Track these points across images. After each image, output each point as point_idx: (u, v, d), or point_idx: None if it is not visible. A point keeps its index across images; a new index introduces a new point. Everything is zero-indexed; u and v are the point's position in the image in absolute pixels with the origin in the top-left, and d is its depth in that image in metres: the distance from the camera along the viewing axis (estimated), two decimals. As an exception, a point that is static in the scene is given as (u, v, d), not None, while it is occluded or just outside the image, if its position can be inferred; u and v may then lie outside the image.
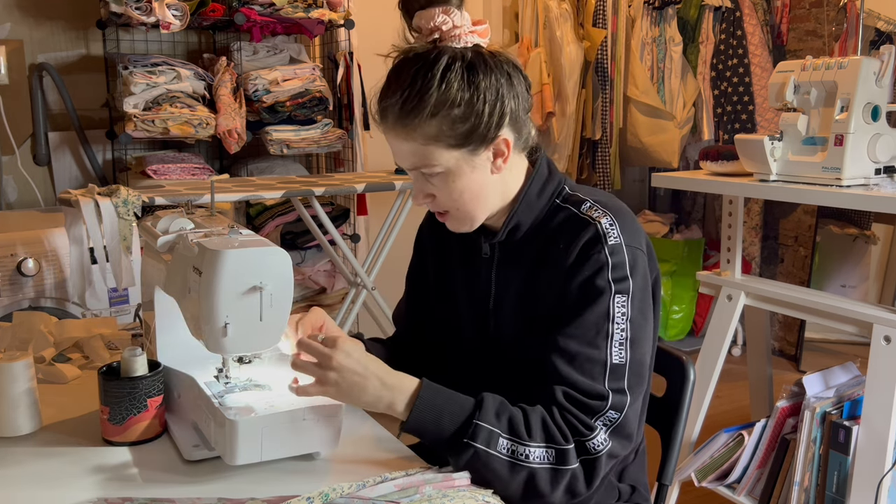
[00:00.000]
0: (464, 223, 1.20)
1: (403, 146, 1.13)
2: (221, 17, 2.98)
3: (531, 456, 1.06)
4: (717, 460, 2.07)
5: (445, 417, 1.07)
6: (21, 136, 3.08)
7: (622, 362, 1.11)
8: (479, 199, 1.17)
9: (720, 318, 2.24)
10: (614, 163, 3.80)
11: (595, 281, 1.11)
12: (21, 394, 1.19)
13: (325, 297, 3.40)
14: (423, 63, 1.09)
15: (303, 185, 2.75)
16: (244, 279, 1.07)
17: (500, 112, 1.12)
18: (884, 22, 3.30)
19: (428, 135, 1.10)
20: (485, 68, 1.11)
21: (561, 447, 1.07)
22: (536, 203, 1.20)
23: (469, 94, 1.09)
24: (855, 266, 3.63)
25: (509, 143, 1.15)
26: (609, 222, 1.14)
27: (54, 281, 2.46)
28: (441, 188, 1.15)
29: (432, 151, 1.12)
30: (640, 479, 1.34)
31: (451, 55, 1.10)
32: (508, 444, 1.06)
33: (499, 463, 1.05)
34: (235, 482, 1.06)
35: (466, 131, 1.11)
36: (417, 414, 1.07)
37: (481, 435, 1.05)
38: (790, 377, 3.49)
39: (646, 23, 3.72)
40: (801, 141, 1.99)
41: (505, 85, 1.12)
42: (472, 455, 1.05)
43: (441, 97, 1.08)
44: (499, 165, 1.16)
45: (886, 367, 1.78)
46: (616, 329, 1.11)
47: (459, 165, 1.13)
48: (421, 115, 1.09)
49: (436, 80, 1.08)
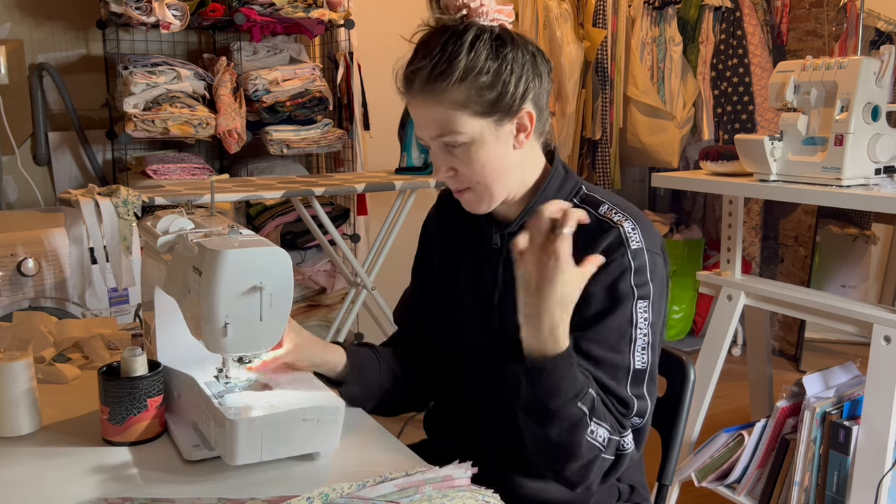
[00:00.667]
0: (482, 200, 1.20)
1: (430, 112, 1.14)
2: (221, 17, 2.98)
3: (598, 437, 1.07)
4: (717, 460, 2.07)
5: (566, 381, 1.05)
6: (21, 136, 3.08)
7: (644, 367, 1.13)
8: (499, 174, 1.17)
9: (720, 318, 2.24)
10: (614, 163, 3.80)
11: (618, 285, 1.12)
12: (21, 394, 1.19)
13: (325, 297, 3.40)
14: (452, 32, 1.12)
15: (303, 185, 2.75)
16: (244, 279, 1.07)
17: (525, 86, 1.14)
18: (884, 22, 3.30)
19: (455, 100, 1.12)
20: (512, 42, 1.14)
21: (613, 437, 1.09)
22: (555, 198, 1.20)
23: (497, 64, 1.12)
24: (855, 266, 3.63)
25: (532, 118, 1.17)
26: (631, 226, 1.15)
27: (54, 281, 2.45)
28: (464, 160, 1.16)
29: (459, 117, 1.13)
30: (639, 479, 1.34)
31: (479, 28, 1.12)
32: (585, 409, 1.06)
33: (572, 409, 1.05)
34: (235, 482, 1.06)
35: (493, 99, 1.13)
36: (558, 361, 1.05)
37: (587, 400, 1.06)
38: (790, 377, 3.49)
39: (646, 23, 3.72)
40: (801, 141, 1.99)
41: (530, 62, 1.15)
42: (578, 420, 1.05)
43: (470, 63, 1.10)
44: (521, 140, 1.17)
45: (886, 367, 1.78)
46: (639, 334, 1.13)
47: (484, 135, 1.14)
48: (450, 79, 1.10)
49: (465, 47, 1.10)
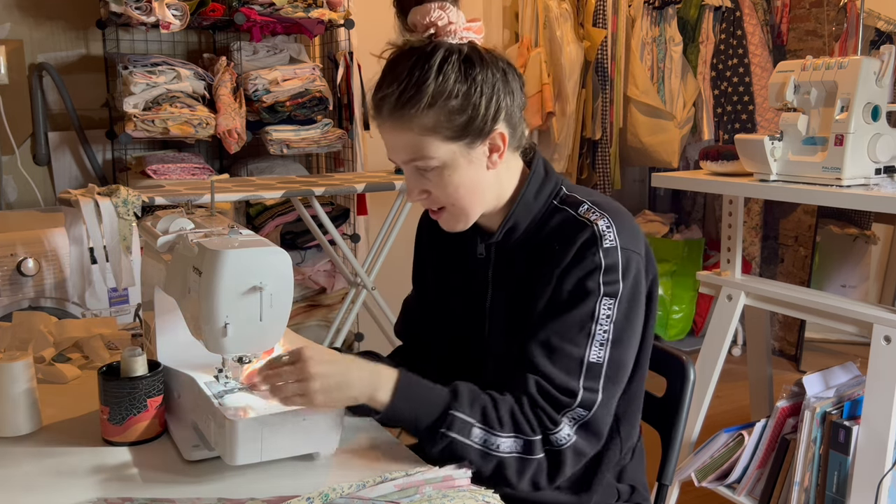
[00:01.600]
0: (458, 220, 1.19)
1: (399, 138, 1.13)
2: (221, 17, 2.98)
3: (501, 446, 1.09)
4: (717, 460, 2.07)
5: (423, 408, 1.09)
6: (21, 136, 3.08)
7: (599, 362, 1.13)
8: (474, 194, 1.16)
9: (720, 318, 2.24)
10: (614, 163, 3.80)
11: (586, 282, 1.12)
12: (21, 394, 1.19)
13: (325, 297, 3.40)
14: (419, 55, 1.10)
15: (303, 185, 2.74)
16: (244, 279, 1.07)
17: (497, 106, 1.12)
18: (884, 22, 3.30)
19: (425, 126, 1.10)
20: (481, 62, 1.11)
21: (528, 438, 1.10)
22: (534, 204, 1.20)
23: (466, 87, 1.10)
24: (855, 266, 3.63)
25: (505, 138, 1.15)
26: (606, 224, 1.14)
27: (54, 281, 2.45)
28: (437, 183, 1.15)
29: (429, 143, 1.11)
30: (640, 479, 1.34)
31: (447, 48, 1.10)
32: (481, 433, 1.09)
33: (472, 452, 1.08)
34: (235, 482, 1.06)
35: (463, 123, 1.11)
36: (395, 405, 1.08)
37: (456, 425, 1.08)
38: (790, 377, 3.49)
39: (646, 23, 3.72)
40: (802, 141, 1.99)
41: (500, 80, 1.13)
42: (448, 444, 1.08)
43: (438, 88, 1.08)
44: (494, 160, 1.16)
45: (886, 367, 1.78)
46: (599, 329, 1.13)
47: (455, 158, 1.13)
48: (418, 105, 1.09)
49: (433, 71, 1.08)
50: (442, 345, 1.36)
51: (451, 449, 1.08)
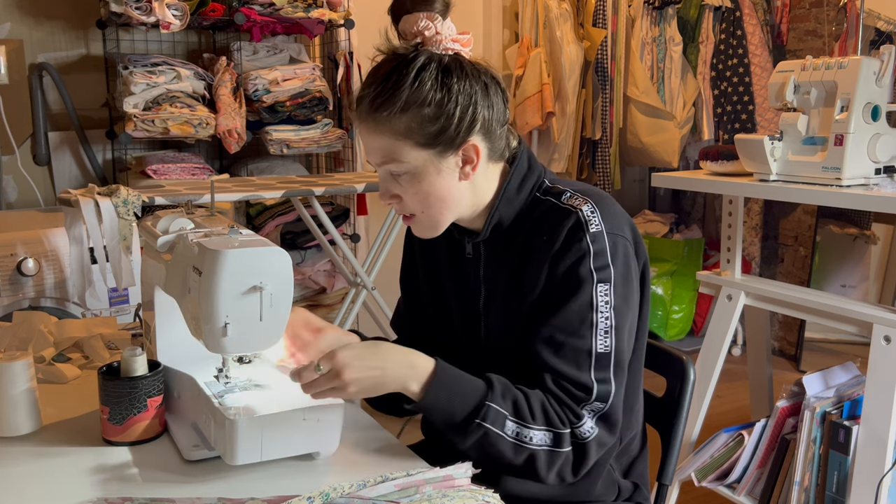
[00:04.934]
0: (427, 228, 1.20)
1: (373, 140, 1.14)
2: (221, 17, 2.98)
3: (534, 439, 1.10)
4: (717, 460, 2.07)
5: (458, 398, 1.10)
6: (21, 136, 3.08)
7: (607, 351, 1.14)
8: (444, 203, 1.17)
9: (720, 318, 2.24)
10: (614, 163, 3.80)
11: (578, 269, 1.13)
12: (21, 394, 1.19)
13: (325, 297, 3.40)
14: (400, 61, 1.12)
15: (303, 184, 2.74)
16: (244, 279, 1.07)
17: (472, 118, 1.13)
18: (884, 22, 3.30)
19: (397, 130, 1.12)
20: (460, 73, 1.12)
21: (558, 430, 1.12)
22: (517, 198, 1.21)
23: (441, 96, 1.11)
24: (855, 266, 3.63)
25: (479, 151, 1.15)
26: (590, 209, 1.15)
27: (54, 281, 2.45)
28: (407, 189, 1.16)
29: (400, 147, 1.13)
30: (644, 475, 1.34)
31: (428, 57, 1.12)
32: (514, 426, 1.10)
33: (505, 444, 1.10)
34: (235, 482, 1.06)
35: (435, 132, 1.12)
36: (432, 395, 1.09)
37: (491, 416, 1.09)
38: (790, 377, 3.49)
39: (646, 22, 3.72)
40: (801, 141, 1.99)
41: (479, 93, 1.13)
42: (482, 435, 1.09)
43: (413, 94, 1.10)
44: (467, 172, 1.16)
45: (886, 367, 1.78)
46: (600, 318, 1.13)
47: (426, 166, 1.14)
48: (392, 109, 1.10)
49: (409, 77, 1.10)
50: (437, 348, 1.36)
51: (484, 440, 1.09)
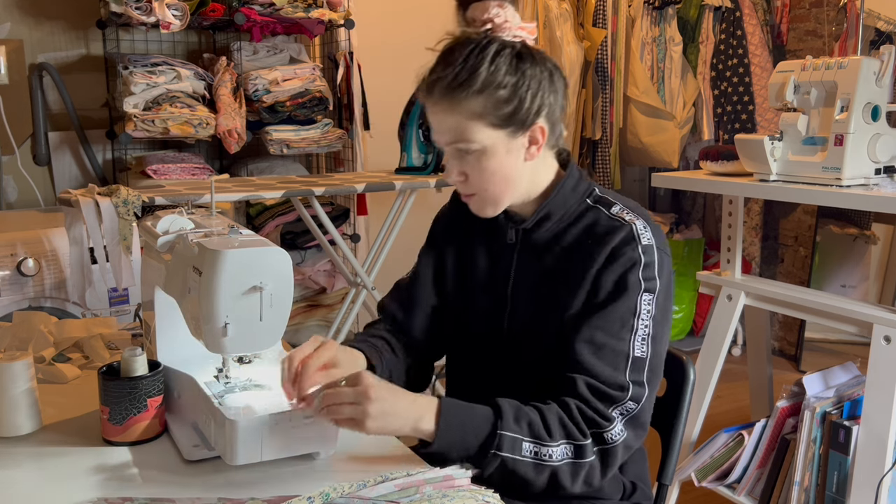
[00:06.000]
0: (488, 205, 1.24)
1: (446, 120, 1.18)
2: (221, 17, 2.98)
3: (554, 455, 1.11)
4: (717, 460, 2.07)
5: (470, 433, 1.11)
6: (21, 136, 3.08)
7: (643, 356, 1.16)
8: (508, 182, 1.21)
9: (720, 318, 2.24)
10: (614, 163, 3.80)
11: (627, 277, 1.17)
12: (21, 394, 1.19)
13: (325, 297, 3.40)
14: (475, 45, 1.17)
15: (303, 184, 2.74)
16: (244, 279, 1.07)
17: (541, 101, 1.19)
18: (884, 22, 3.30)
19: (472, 111, 1.16)
20: (531, 60, 1.18)
21: (579, 443, 1.12)
22: (570, 197, 1.26)
23: (515, 79, 1.16)
24: (855, 266, 3.63)
25: (545, 132, 1.21)
26: (643, 225, 1.20)
27: (54, 281, 2.45)
28: (474, 167, 1.20)
29: (473, 127, 1.17)
30: (643, 475, 1.35)
31: (501, 42, 1.17)
32: (532, 447, 1.11)
33: (525, 467, 1.11)
34: (235, 482, 1.06)
35: (508, 113, 1.17)
36: (443, 434, 1.10)
37: (506, 443, 1.10)
38: (790, 377, 3.49)
39: (646, 22, 3.72)
40: (801, 141, 1.99)
41: (546, 79, 1.19)
42: (500, 464, 1.10)
43: (489, 77, 1.15)
44: (532, 153, 1.21)
45: (886, 367, 1.78)
46: (640, 325, 1.17)
47: (496, 146, 1.18)
48: (469, 90, 1.15)
49: (486, 60, 1.15)
50: (457, 340, 1.36)
51: (503, 469, 1.10)
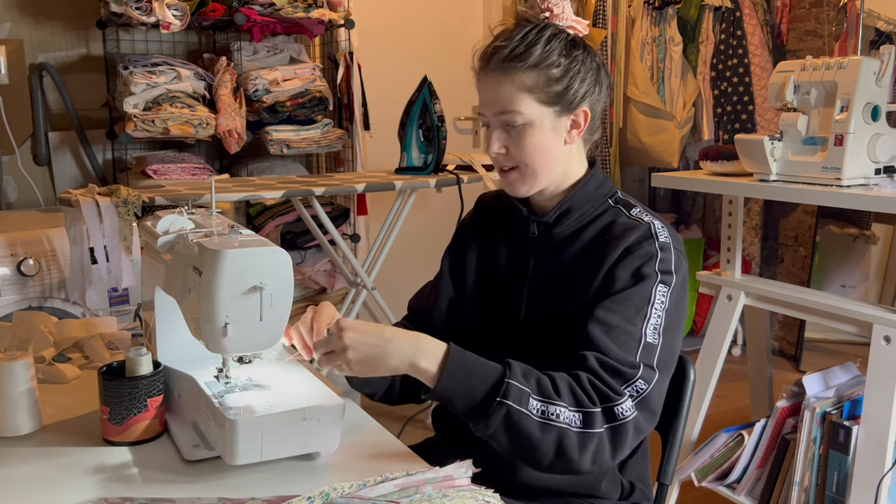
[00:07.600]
0: (525, 181, 1.27)
1: (499, 89, 1.23)
2: (221, 17, 2.98)
3: (561, 416, 1.08)
4: (717, 460, 2.07)
5: (476, 378, 1.09)
6: (21, 136, 3.08)
7: (655, 343, 1.16)
8: (546, 161, 1.25)
9: (720, 318, 2.24)
10: (614, 163, 3.80)
11: (643, 268, 1.19)
12: (21, 394, 1.19)
13: (325, 297, 3.40)
14: (534, 26, 1.24)
15: (303, 185, 2.74)
16: (244, 279, 1.07)
17: (588, 88, 1.25)
18: (884, 22, 3.30)
19: (524, 83, 1.22)
20: (584, 49, 1.26)
21: (588, 409, 1.09)
22: (593, 195, 1.29)
23: (567, 62, 1.23)
24: (855, 266, 3.63)
25: (588, 116, 1.26)
26: (660, 225, 1.24)
27: (54, 281, 2.45)
28: (517, 140, 1.24)
29: (523, 99, 1.22)
30: (644, 475, 1.34)
31: (556, 28, 1.24)
32: (539, 403, 1.08)
33: (530, 422, 1.07)
34: (235, 482, 1.06)
35: (558, 92, 1.22)
36: (448, 376, 1.09)
37: (513, 393, 1.07)
38: (790, 377, 3.49)
39: (646, 23, 3.72)
40: (801, 141, 1.99)
41: (594, 71, 1.26)
42: (505, 414, 1.06)
43: (544, 54, 1.21)
44: (573, 136, 1.26)
45: (886, 367, 1.78)
46: (654, 314, 1.17)
47: (542, 121, 1.23)
48: (525, 62, 1.21)
49: (543, 39, 1.22)
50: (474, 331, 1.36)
51: (508, 420, 1.07)
